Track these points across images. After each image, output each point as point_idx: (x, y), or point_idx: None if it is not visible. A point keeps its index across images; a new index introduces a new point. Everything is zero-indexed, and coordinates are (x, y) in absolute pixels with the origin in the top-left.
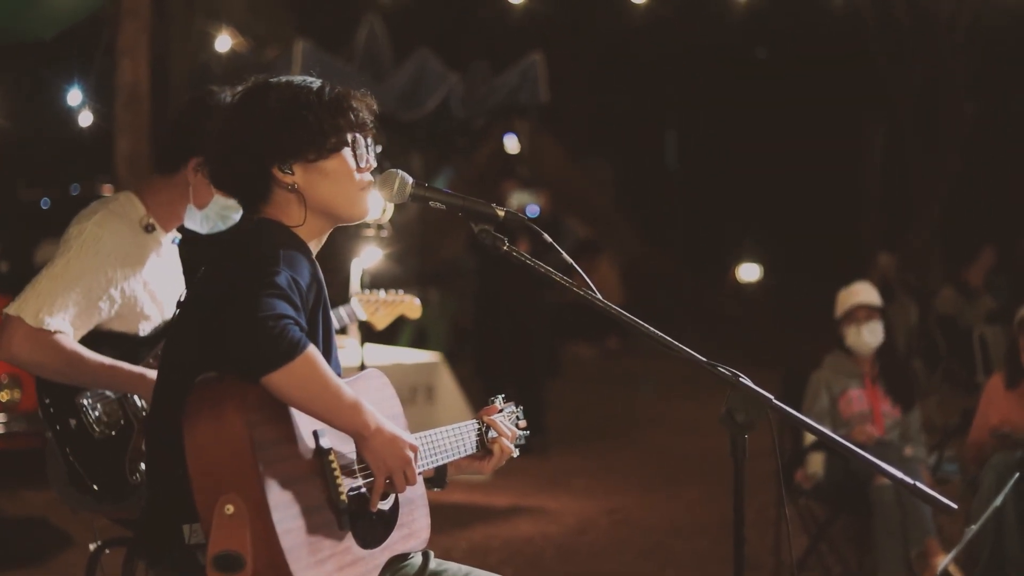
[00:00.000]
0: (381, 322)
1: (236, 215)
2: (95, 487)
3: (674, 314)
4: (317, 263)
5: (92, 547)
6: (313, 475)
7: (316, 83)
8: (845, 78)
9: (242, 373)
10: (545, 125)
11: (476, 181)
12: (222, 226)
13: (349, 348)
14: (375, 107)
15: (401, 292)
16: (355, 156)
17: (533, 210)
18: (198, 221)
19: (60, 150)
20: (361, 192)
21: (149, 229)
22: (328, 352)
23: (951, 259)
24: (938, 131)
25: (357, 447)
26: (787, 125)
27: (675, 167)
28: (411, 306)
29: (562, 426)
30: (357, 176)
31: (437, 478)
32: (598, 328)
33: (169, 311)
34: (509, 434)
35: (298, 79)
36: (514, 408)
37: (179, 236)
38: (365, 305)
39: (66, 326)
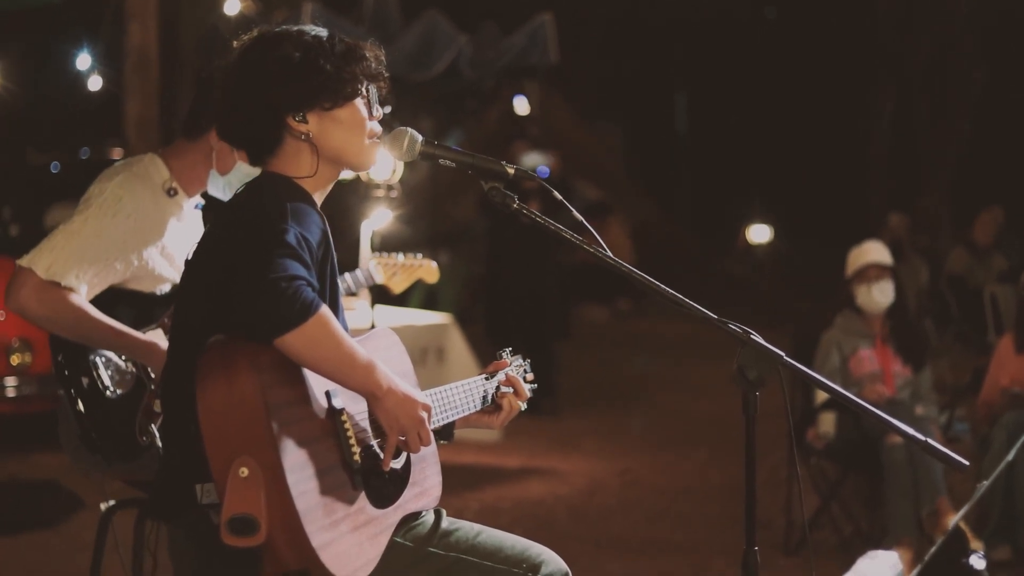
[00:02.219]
0: (398, 286)
1: None
2: (105, 447)
3: (684, 276)
4: (324, 216)
5: (103, 506)
6: (326, 436)
7: (325, 32)
8: (855, 41)
9: (255, 335)
10: (555, 87)
11: (486, 142)
12: None
13: (359, 310)
14: (383, 57)
15: (420, 256)
16: (367, 105)
17: (543, 171)
18: (221, 188)
19: (70, 114)
20: (371, 141)
21: (171, 193)
22: (335, 308)
23: (961, 221)
24: (947, 95)
25: (370, 407)
26: (797, 88)
27: (685, 129)
28: (429, 270)
29: (573, 388)
30: (368, 125)
31: (444, 431)
32: (609, 290)
33: None
34: (524, 391)
35: (308, 28)
36: (521, 361)
37: (202, 202)
38: (384, 268)
39: (77, 283)
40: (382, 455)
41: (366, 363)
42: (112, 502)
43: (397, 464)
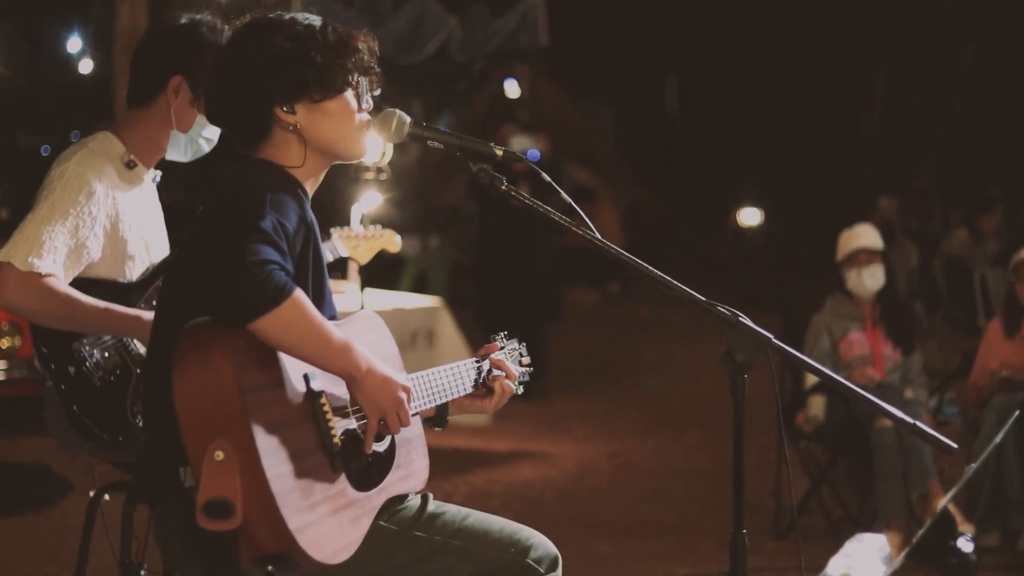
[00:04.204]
0: (363, 256)
1: (214, 134)
2: (98, 433)
3: (674, 259)
4: (308, 203)
5: (92, 493)
6: (304, 419)
7: (318, 21)
8: (847, 21)
9: (229, 320)
10: (545, 70)
11: (476, 125)
12: (206, 148)
13: (349, 293)
14: (376, 49)
15: (379, 226)
16: (356, 97)
17: (533, 155)
18: (182, 147)
19: (60, 97)
20: (360, 132)
21: (130, 166)
22: (321, 294)
23: (952, 203)
24: (939, 74)
25: (349, 389)
26: (788, 69)
27: (676, 112)
28: (390, 240)
29: (563, 371)
30: (357, 116)
31: (438, 418)
32: (599, 273)
33: (155, 251)
34: (514, 373)
35: (301, 17)
36: (516, 345)
37: (159, 175)
38: (345, 241)
39: (56, 268)
40: (363, 438)
41: (342, 345)
42: (101, 486)
43: (381, 447)
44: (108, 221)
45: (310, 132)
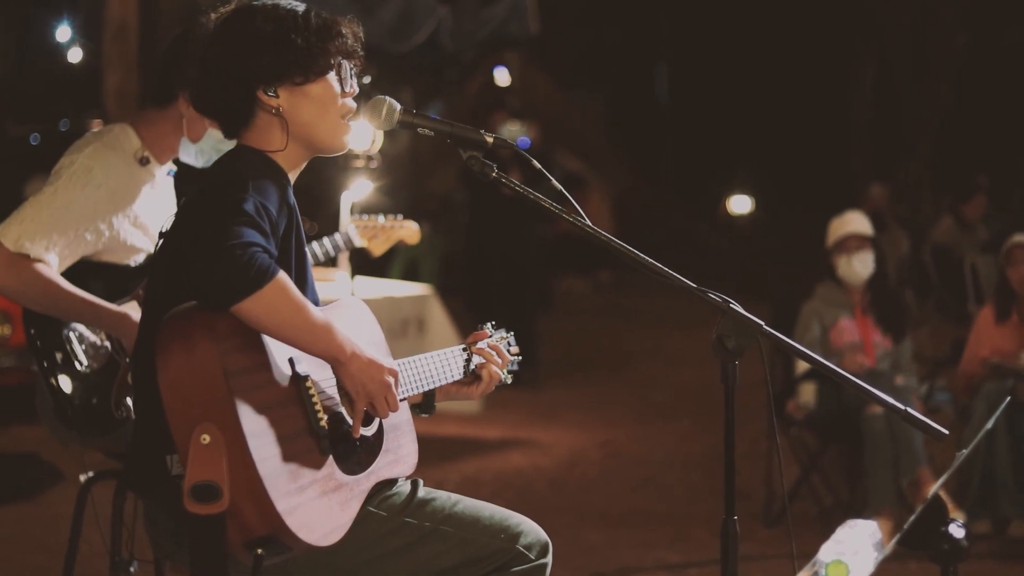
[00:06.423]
0: (378, 248)
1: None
2: (81, 421)
3: (665, 247)
4: (290, 189)
5: (83, 478)
6: (290, 402)
7: (302, 7)
8: (836, 8)
9: (212, 303)
10: (535, 58)
11: (467, 113)
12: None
13: (340, 280)
14: (361, 34)
15: (400, 217)
16: (340, 81)
17: (524, 142)
18: (192, 155)
19: (49, 86)
20: (344, 119)
21: (144, 162)
22: (303, 279)
23: (942, 190)
24: (929, 62)
25: (335, 373)
26: (778, 57)
27: (666, 100)
28: (410, 231)
29: (554, 359)
30: (340, 101)
31: (425, 404)
32: (590, 261)
33: None
34: (498, 361)
35: (284, 3)
36: (505, 334)
37: (175, 168)
38: (362, 231)
39: (48, 255)
40: (350, 422)
41: (325, 327)
42: (91, 474)
43: (369, 431)
44: (111, 216)
45: (292, 116)
